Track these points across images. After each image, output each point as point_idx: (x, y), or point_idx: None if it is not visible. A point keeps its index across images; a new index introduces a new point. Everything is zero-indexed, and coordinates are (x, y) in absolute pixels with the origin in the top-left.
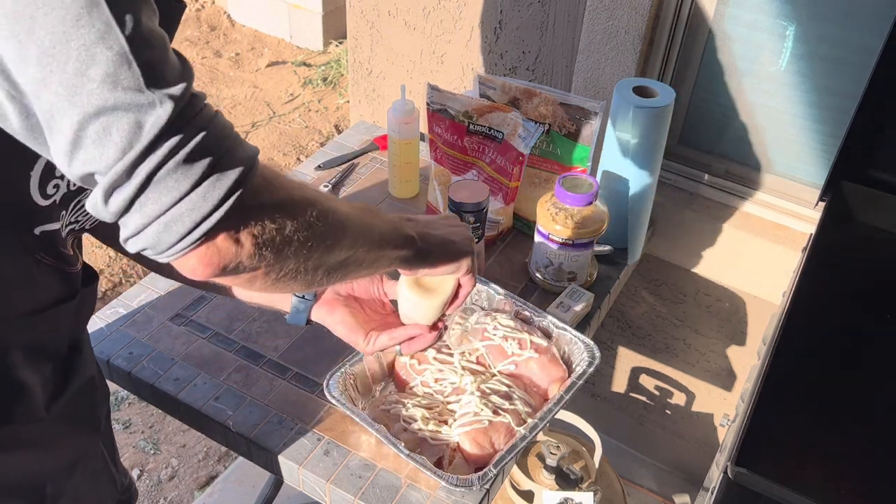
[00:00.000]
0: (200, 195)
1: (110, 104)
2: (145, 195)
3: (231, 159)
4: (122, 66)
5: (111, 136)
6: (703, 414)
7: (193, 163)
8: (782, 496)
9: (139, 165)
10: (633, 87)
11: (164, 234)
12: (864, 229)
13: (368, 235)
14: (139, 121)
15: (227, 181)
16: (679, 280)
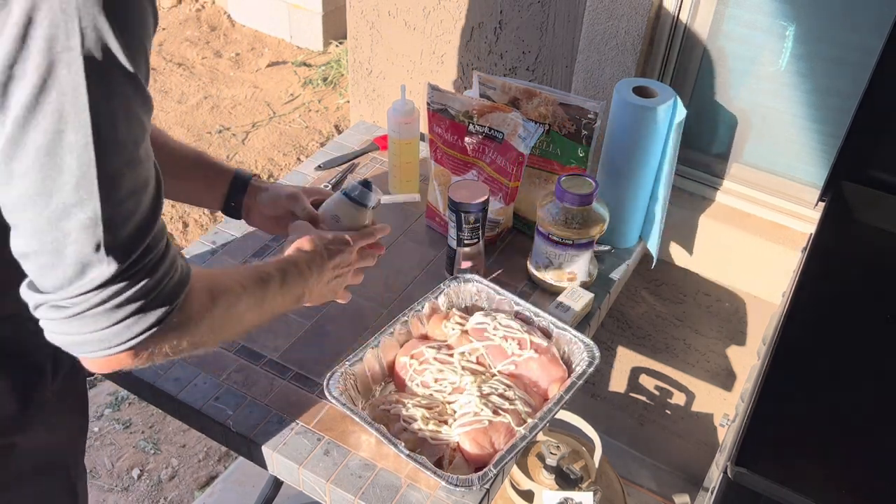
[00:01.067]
0: (114, 333)
1: (67, 249)
2: (69, 323)
3: (151, 309)
4: (90, 228)
5: (58, 269)
6: (703, 414)
7: (119, 308)
8: (782, 496)
9: (72, 300)
10: (633, 87)
11: (73, 347)
12: (864, 229)
13: (265, 315)
14: (85, 270)
15: (143, 325)
16: (679, 280)
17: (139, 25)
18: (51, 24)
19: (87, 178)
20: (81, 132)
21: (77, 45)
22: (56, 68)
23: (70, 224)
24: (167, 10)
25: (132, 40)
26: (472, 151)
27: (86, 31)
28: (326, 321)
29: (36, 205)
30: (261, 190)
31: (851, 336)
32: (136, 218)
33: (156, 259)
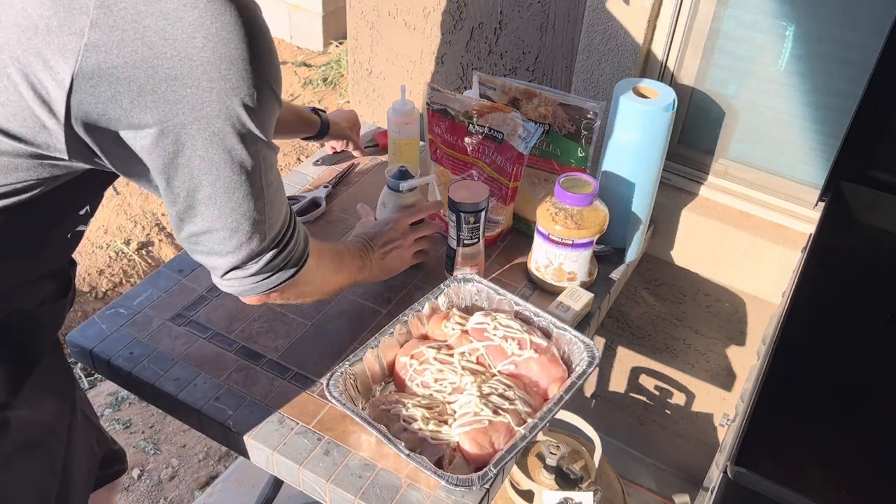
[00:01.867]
0: (268, 283)
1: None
2: (239, 279)
3: (287, 268)
4: (255, 232)
5: (233, 239)
6: (703, 414)
7: (270, 267)
8: (782, 496)
9: (247, 265)
10: (633, 87)
11: (243, 292)
12: (864, 229)
13: (344, 280)
14: (252, 257)
15: (284, 277)
16: (679, 280)
17: (271, 112)
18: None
19: (257, 209)
20: (249, 184)
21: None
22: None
23: (244, 226)
24: None
25: (268, 120)
26: (472, 151)
27: (231, 129)
28: (326, 321)
29: (222, 217)
30: (331, 122)
31: (851, 336)
32: (279, 217)
33: (289, 235)
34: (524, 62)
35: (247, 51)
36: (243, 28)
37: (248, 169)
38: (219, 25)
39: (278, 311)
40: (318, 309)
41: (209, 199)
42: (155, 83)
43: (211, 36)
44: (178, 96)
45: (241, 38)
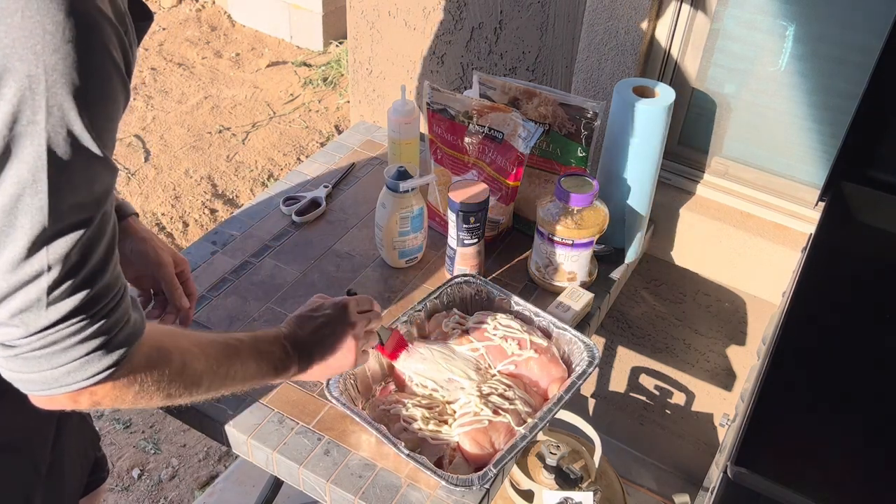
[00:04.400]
0: (55, 377)
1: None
2: (12, 361)
3: (97, 358)
4: (35, 280)
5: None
6: (703, 414)
7: (64, 352)
8: (782, 496)
9: (17, 341)
10: (633, 87)
11: (19, 384)
12: (864, 229)
13: (231, 385)
14: (26, 316)
15: (87, 373)
16: (679, 280)
17: (108, 105)
18: (19, 100)
19: (39, 238)
20: (38, 197)
21: (42, 120)
22: (19, 140)
23: (15, 277)
24: (167, 10)
25: (98, 119)
26: (472, 151)
27: (52, 110)
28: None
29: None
30: (131, 236)
31: (851, 336)
32: (84, 271)
33: (105, 309)
34: (524, 62)
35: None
36: (56, 27)
37: (54, 180)
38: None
39: (279, 311)
40: None
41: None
42: None
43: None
44: None
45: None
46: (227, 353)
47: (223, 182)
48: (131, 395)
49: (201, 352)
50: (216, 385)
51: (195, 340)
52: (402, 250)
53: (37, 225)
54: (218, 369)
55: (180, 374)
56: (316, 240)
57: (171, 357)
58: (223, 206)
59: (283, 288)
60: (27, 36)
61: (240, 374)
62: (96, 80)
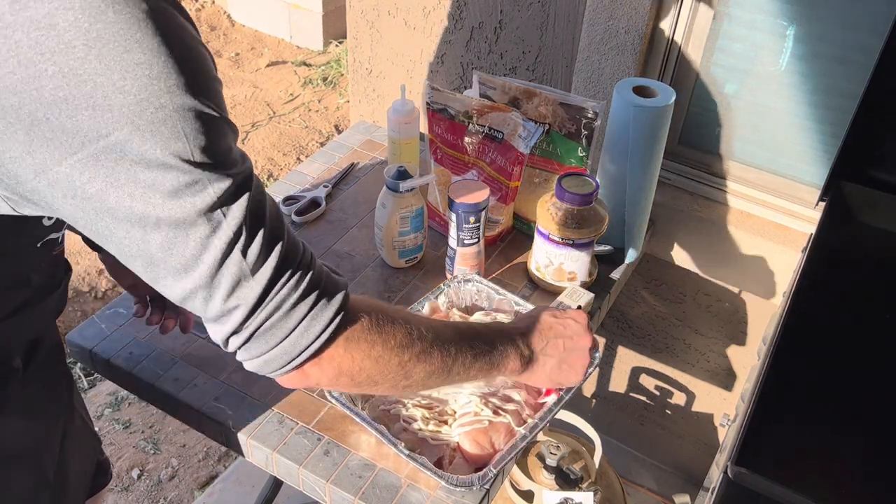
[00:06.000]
0: (292, 343)
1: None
2: (250, 346)
3: (319, 308)
4: (226, 248)
5: (215, 298)
6: (703, 414)
7: (288, 316)
8: (782, 496)
9: (245, 322)
10: (633, 87)
11: (263, 368)
12: (864, 229)
13: (465, 371)
14: (237, 289)
15: (318, 326)
16: (679, 280)
17: (211, 75)
18: (144, 87)
19: (213, 207)
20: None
21: (168, 104)
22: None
23: (210, 254)
24: None
25: (211, 86)
26: (472, 151)
27: (172, 88)
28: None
29: (175, 245)
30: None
31: (851, 336)
32: (265, 227)
33: (304, 260)
34: (524, 62)
35: (148, 53)
36: (138, 26)
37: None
38: (100, 27)
39: None
40: None
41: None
42: (46, 109)
43: (91, 41)
44: (77, 123)
45: (135, 39)
46: (455, 328)
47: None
48: (366, 356)
49: (427, 322)
50: (448, 362)
51: (419, 315)
52: (402, 250)
53: (206, 198)
54: (447, 342)
55: (409, 338)
56: (316, 240)
57: (395, 319)
58: None
59: None
60: (125, 28)
61: (470, 353)
62: (193, 54)
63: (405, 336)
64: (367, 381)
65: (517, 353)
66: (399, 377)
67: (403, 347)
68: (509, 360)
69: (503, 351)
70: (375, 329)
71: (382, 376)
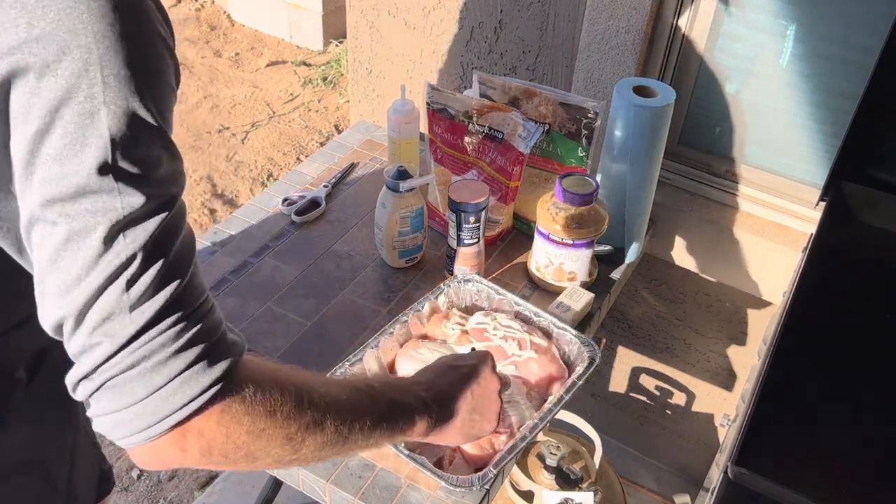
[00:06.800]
0: (165, 396)
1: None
2: (99, 398)
3: (200, 368)
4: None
5: (80, 331)
6: (703, 414)
7: (158, 368)
8: (782, 496)
9: (101, 368)
10: (633, 87)
11: (110, 432)
12: (864, 229)
13: (364, 440)
14: (106, 324)
15: (197, 386)
16: (679, 280)
17: (162, 79)
18: (75, 74)
19: (114, 227)
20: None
21: (100, 94)
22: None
23: (93, 277)
24: (167, 9)
25: (156, 93)
26: (472, 151)
27: (108, 80)
28: (326, 321)
29: (63, 258)
30: None
31: (851, 336)
32: (166, 262)
33: (198, 311)
34: (524, 62)
35: (91, 36)
36: (87, 6)
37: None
38: (47, 3)
39: (278, 311)
40: (318, 309)
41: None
42: None
43: (35, 20)
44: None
45: (80, 20)
46: (353, 391)
47: (223, 182)
48: (244, 433)
49: (322, 387)
50: (343, 431)
51: (317, 376)
52: (402, 250)
53: (110, 212)
54: (343, 409)
55: (299, 408)
56: (316, 240)
57: (285, 386)
58: (222, 206)
59: (283, 288)
60: (72, 6)
61: (369, 418)
62: (148, 50)
63: (294, 406)
64: (244, 459)
65: (422, 413)
66: (286, 451)
67: (290, 419)
68: (414, 422)
69: (407, 413)
70: (260, 400)
71: (265, 452)
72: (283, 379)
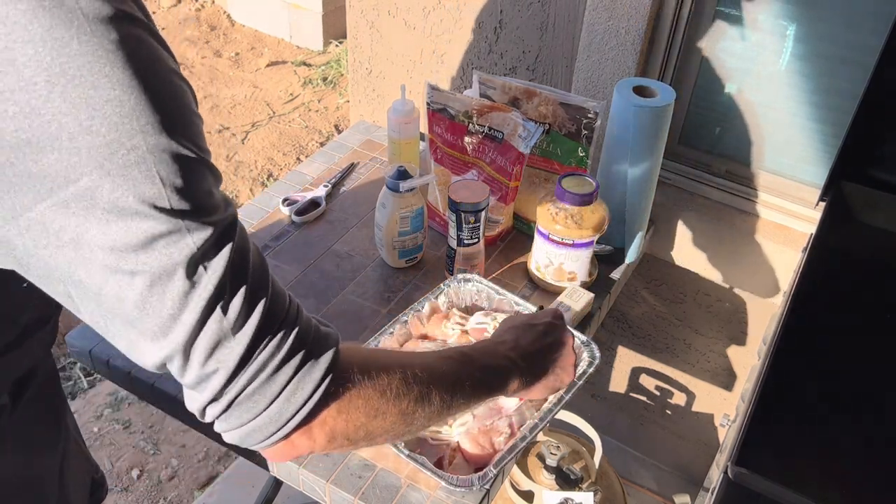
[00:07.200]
0: (277, 411)
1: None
2: (229, 416)
3: (305, 371)
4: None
5: (192, 364)
6: (703, 414)
7: (271, 380)
8: (782, 496)
9: (224, 390)
10: (633, 87)
11: (246, 441)
12: (864, 229)
13: (465, 403)
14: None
15: (304, 392)
16: (679, 280)
17: (188, 109)
18: (114, 128)
19: (192, 260)
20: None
21: (142, 145)
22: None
23: (190, 313)
24: (166, 9)
25: (187, 128)
26: (472, 151)
27: (145, 128)
28: (326, 321)
29: (150, 304)
30: None
31: (851, 336)
32: (248, 279)
33: (289, 316)
34: (524, 62)
35: (118, 88)
36: (107, 58)
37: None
38: (63, 61)
39: None
40: (318, 309)
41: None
42: (9, 152)
43: (55, 77)
44: (43, 168)
45: (103, 74)
46: (449, 360)
47: (223, 182)
48: (362, 415)
49: (420, 361)
50: (447, 399)
51: (413, 354)
52: (402, 250)
53: (185, 250)
54: (444, 379)
55: (406, 384)
56: (316, 240)
57: (389, 366)
58: None
59: None
60: (91, 61)
61: (468, 384)
62: (168, 87)
63: (401, 382)
64: (364, 438)
65: (514, 372)
66: (400, 427)
67: (401, 396)
68: (507, 381)
69: (501, 374)
70: (369, 383)
71: (383, 430)
72: (384, 359)
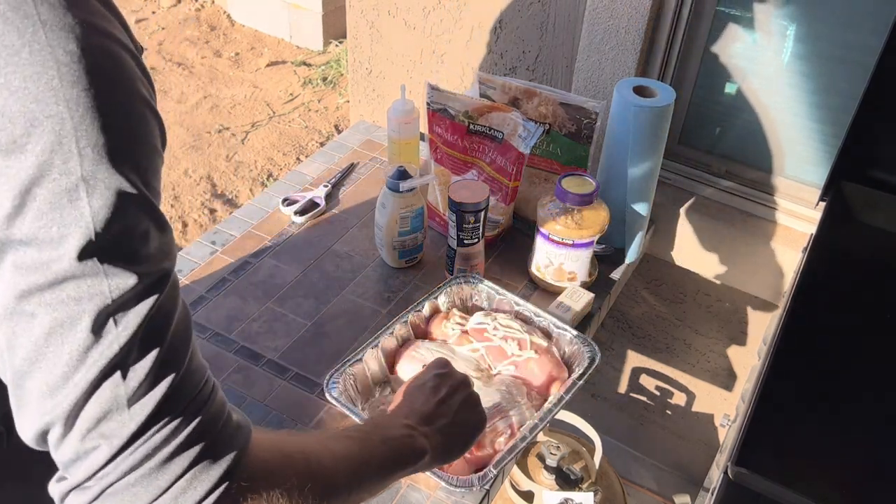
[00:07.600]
0: (171, 499)
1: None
2: (106, 501)
3: (205, 466)
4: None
5: (71, 436)
6: (703, 414)
7: (161, 469)
8: (782, 496)
9: (97, 474)
10: (633, 87)
11: None
12: (864, 229)
13: (368, 482)
14: (101, 425)
15: (205, 484)
16: (679, 280)
17: (146, 144)
18: (48, 149)
19: (102, 313)
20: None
21: (76, 168)
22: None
23: (83, 373)
24: (166, 9)
25: (139, 161)
26: (472, 151)
27: (84, 151)
28: (326, 321)
29: (45, 356)
30: None
31: (851, 336)
32: (162, 349)
33: (199, 400)
34: (524, 62)
35: (62, 104)
36: (57, 70)
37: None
38: (10, 70)
39: (278, 311)
40: (318, 309)
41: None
42: None
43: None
44: None
45: (49, 87)
46: (353, 443)
47: (222, 182)
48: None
49: (323, 447)
50: (354, 488)
51: (312, 437)
52: (402, 250)
53: (97, 297)
54: (351, 465)
55: (311, 477)
56: (315, 240)
57: (293, 458)
58: (222, 206)
59: (283, 288)
60: (39, 72)
61: (374, 465)
62: (128, 113)
63: (307, 477)
64: None
65: (417, 439)
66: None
67: (307, 495)
68: (414, 449)
69: (404, 444)
70: (273, 486)
71: None
72: (289, 449)
